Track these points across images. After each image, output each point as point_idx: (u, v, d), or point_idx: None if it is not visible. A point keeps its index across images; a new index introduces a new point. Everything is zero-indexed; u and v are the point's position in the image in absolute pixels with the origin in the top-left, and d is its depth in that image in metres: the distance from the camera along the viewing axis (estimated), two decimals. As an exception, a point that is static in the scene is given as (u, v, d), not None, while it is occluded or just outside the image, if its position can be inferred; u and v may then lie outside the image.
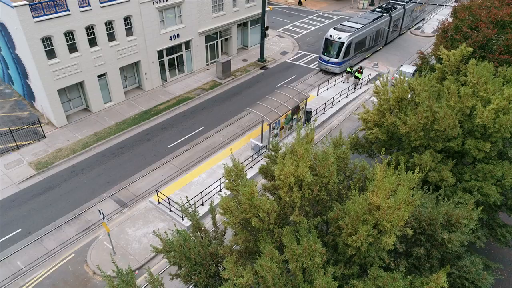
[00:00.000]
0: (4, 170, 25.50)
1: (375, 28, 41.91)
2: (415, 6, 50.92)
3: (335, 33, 38.73)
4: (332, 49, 38.57)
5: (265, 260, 9.41)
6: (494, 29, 23.77)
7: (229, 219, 10.88)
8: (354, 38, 38.57)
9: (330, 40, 38.71)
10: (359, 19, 41.92)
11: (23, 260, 20.15)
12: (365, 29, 40.10)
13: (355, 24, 40.45)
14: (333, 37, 38.48)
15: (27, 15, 24.97)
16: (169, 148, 28.32)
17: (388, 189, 9.59)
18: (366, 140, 19.92)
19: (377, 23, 42.18)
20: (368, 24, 40.84)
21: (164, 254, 11.99)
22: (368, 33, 40.74)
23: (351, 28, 39.41)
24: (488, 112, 15.05)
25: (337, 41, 38.13)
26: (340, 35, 38.22)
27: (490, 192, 15.59)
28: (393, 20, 45.42)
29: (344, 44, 37.76)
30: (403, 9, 47.61)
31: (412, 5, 49.66)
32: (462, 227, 11.45)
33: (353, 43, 38.85)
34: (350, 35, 38.14)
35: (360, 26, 39.86)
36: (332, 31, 39.22)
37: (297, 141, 11.04)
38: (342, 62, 38.62)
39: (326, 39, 39.07)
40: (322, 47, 39.38)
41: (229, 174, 12.02)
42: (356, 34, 38.94)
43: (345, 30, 38.95)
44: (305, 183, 10.48)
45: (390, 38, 47.01)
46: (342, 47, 37.76)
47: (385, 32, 44.85)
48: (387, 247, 9.53)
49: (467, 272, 12.23)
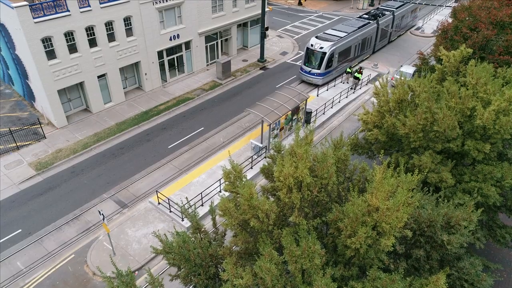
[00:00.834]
0: (4, 170, 25.52)
1: (361, 37, 39.77)
2: (405, 12, 48.49)
3: (317, 42, 36.57)
4: (313, 59, 36.34)
5: (264, 262, 9.43)
6: (493, 30, 23.76)
7: (228, 221, 10.90)
8: (337, 47, 36.44)
9: (312, 49, 36.48)
10: (343, 27, 39.87)
11: (23, 260, 20.17)
12: (349, 38, 37.98)
13: (339, 32, 38.32)
14: (315, 46, 36.31)
15: (27, 16, 24.99)
16: (169, 148, 28.34)
17: (387, 191, 9.61)
18: (366, 141, 19.93)
19: (363, 31, 40.01)
20: (353, 32, 38.65)
21: (164, 255, 12.01)
22: (353, 41, 38.62)
23: (334, 37, 37.27)
24: (489, 113, 15.05)
25: (318, 51, 35.97)
26: (322, 44, 36.08)
27: (489, 193, 15.59)
28: (381, 28, 43.05)
29: (326, 54, 35.60)
30: (392, 15, 45.25)
31: (402, 11, 47.26)
32: (461, 229, 11.46)
33: (336, 53, 36.66)
34: (332, 44, 35.98)
35: (344, 35, 37.71)
36: (314, 40, 37.02)
37: (296, 143, 11.05)
38: (324, 73, 36.44)
39: (307, 48, 36.94)
40: (304, 57, 37.33)
41: (227, 176, 12.04)
42: (340, 43, 36.79)
43: (328, 39, 36.76)
44: (305, 184, 10.49)
45: (378, 46, 44.83)
46: (324, 57, 35.61)
47: (372, 40, 42.58)
48: (386, 249, 9.54)
49: (466, 273, 12.25)
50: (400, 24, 47.95)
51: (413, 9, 50.62)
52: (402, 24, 48.65)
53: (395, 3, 47.81)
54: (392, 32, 46.50)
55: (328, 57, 35.66)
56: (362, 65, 41.60)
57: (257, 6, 41.53)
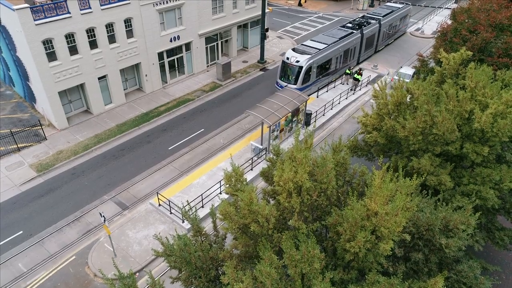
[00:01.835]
0: (6, 172, 25.64)
1: (343, 48, 37.29)
2: (393, 20, 45.75)
3: (293, 55, 34.02)
4: (289, 73, 33.98)
5: (264, 266, 9.55)
6: (493, 32, 23.86)
7: (228, 225, 11.01)
8: (315, 60, 33.99)
9: (287, 63, 33.95)
10: (323, 38, 37.46)
11: (25, 262, 20.29)
12: (329, 50, 35.52)
13: (318, 44, 35.89)
14: (291, 60, 33.74)
15: (28, 18, 25.09)
16: (169, 150, 28.45)
17: (386, 196, 9.72)
18: (365, 143, 20.04)
19: (346, 42, 37.52)
20: (334, 44, 36.25)
21: (165, 258, 12.13)
22: (334, 53, 36.19)
23: (312, 49, 34.89)
24: (486, 117, 15.17)
25: (294, 64, 33.44)
26: (298, 57, 33.56)
27: (488, 196, 15.72)
28: (365, 37, 40.57)
29: (302, 68, 33.11)
30: (378, 24, 42.53)
31: (389, 19, 44.62)
32: (459, 233, 11.57)
33: (314, 67, 34.21)
34: (310, 57, 33.53)
35: (323, 47, 35.29)
36: (290, 52, 34.53)
37: (296, 147, 11.17)
38: (301, 89, 33.52)
39: (283, 62, 34.46)
40: (279, 70, 34.96)
41: (229, 179, 12.15)
42: (318, 56, 34.37)
43: (305, 51, 34.33)
44: (304, 188, 10.60)
45: (363, 56, 42.40)
46: (301, 71, 33.17)
47: (356, 51, 40.17)
48: (385, 253, 9.66)
49: (464, 276, 12.36)
50: (387, 32, 45.38)
51: (403, 16, 47.99)
52: (390, 32, 46.25)
53: (382, 11, 45.75)
54: (379, 41, 44.17)
55: (304, 71, 33.32)
56: (362, 66, 41.68)
57: (257, 7, 41.62)
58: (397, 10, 46.47)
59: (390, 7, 47.22)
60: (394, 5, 48.10)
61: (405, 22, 49.49)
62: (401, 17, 47.38)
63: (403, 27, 49.90)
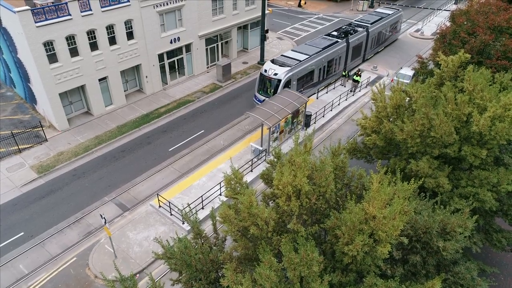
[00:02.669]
0: (6, 173, 25.76)
1: (327, 58, 35.54)
2: (383, 27, 43.54)
3: (271, 67, 32.17)
4: (268, 87, 32.13)
5: (264, 269, 9.67)
6: (491, 35, 23.98)
7: (228, 228, 11.14)
8: (295, 73, 32.17)
9: (265, 76, 32.13)
10: (306, 48, 35.62)
11: (26, 263, 20.42)
12: (311, 61, 33.76)
13: (299, 55, 34.07)
14: (268, 72, 31.90)
15: (29, 20, 25.21)
16: (169, 151, 28.58)
17: (383, 200, 9.85)
18: (365, 145, 20.16)
19: (329, 52, 35.81)
20: (316, 54, 34.48)
21: (165, 260, 12.25)
22: (316, 64, 34.38)
23: (292, 60, 32.98)
24: (484, 120, 15.30)
25: (272, 77, 31.63)
26: (276, 70, 31.74)
27: (486, 198, 15.84)
28: (351, 46, 38.78)
29: (281, 81, 31.29)
30: (366, 31, 40.68)
31: (378, 26, 42.56)
32: (457, 236, 11.69)
33: (294, 79, 32.36)
34: (289, 70, 31.70)
35: (304, 58, 33.48)
36: (268, 64, 32.66)
37: (295, 151, 11.29)
38: None
39: (261, 74, 32.65)
40: (257, 83, 33.00)
41: (229, 183, 12.28)
42: (299, 68, 32.58)
43: (284, 63, 32.43)
44: (303, 192, 10.73)
45: (350, 65, 40.50)
46: (279, 84, 31.36)
47: (342, 61, 38.46)
48: (383, 256, 9.79)
49: (462, 278, 12.48)
50: (376, 40, 43.45)
51: (393, 22, 45.91)
52: (380, 40, 44.30)
53: (371, 17, 43.89)
54: (367, 49, 42.42)
55: (283, 85, 31.45)
56: (361, 67, 41.80)
57: (257, 8, 41.75)
58: (387, 16, 44.59)
59: (380, 13, 45.47)
60: (384, 11, 46.42)
61: (396, 28, 47.70)
62: (391, 23, 45.44)
63: (394, 33, 47.90)
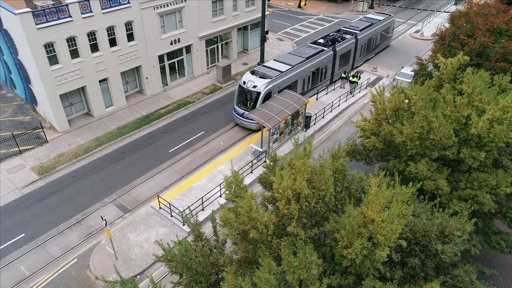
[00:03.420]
0: (7, 175, 25.85)
1: (311, 68, 33.86)
2: (373, 34, 41.76)
3: (250, 79, 30.40)
4: (247, 99, 30.55)
5: (263, 272, 9.76)
6: (490, 37, 24.05)
7: (228, 231, 11.23)
8: (276, 85, 30.43)
9: (244, 88, 30.47)
10: (289, 57, 33.80)
11: (27, 265, 20.51)
12: (294, 71, 32.04)
13: (281, 65, 32.29)
14: (247, 84, 30.17)
15: (30, 22, 25.29)
16: (170, 152, 28.66)
17: (382, 204, 9.94)
18: (364, 147, 20.23)
19: (315, 61, 34.11)
20: (300, 64, 32.72)
21: (166, 263, 12.34)
22: (300, 75, 32.62)
23: (273, 71, 31.20)
24: (483, 122, 15.37)
25: (251, 90, 29.93)
26: (256, 82, 29.96)
27: (484, 201, 15.91)
28: (339, 54, 37.05)
29: (260, 94, 29.55)
30: (355, 39, 38.94)
31: (368, 33, 40.78)
32: (455, 239, 11.78)
33: (275, 91, 30.52)
34: (269, 82, 29.96)
35: (286, 68, 31.68)
36: (248, 76, 30.85)
37: (295, 155, 11.37)
38: None
39: (239, 86, 31.01)
40: (236, 95, 31.37)
41: (229, 186, 12.36)
42: (280, 79, 30.83)
43: (265, 75, 30.69)
44: (303, 196, 10.81)
45: (338, 75, 38.72)
46: (259, 97, 29.61)
47: (328, 70, 36.75)
48: (381, 259, 9.87)
49: (460, 281, 12.55)
50: (366, 47, 41.85)
51: (384, 28, 44.07)
52: (370, 47, 42.69)
53: (361, 24, 42.24)
54: (356, 57, 40.69)
55: (263, 98, 29.68)
56: (362, 68, 41.88)
57: (257, 9, 41.81)
58: (377, 23, 42.86)
59: (370, 19, 43.83)
60: (374, 17, 44.75)
61: (387, 34, 45.88)
62: (382, 30, 43.69)
63: (386, 40, 46.13)
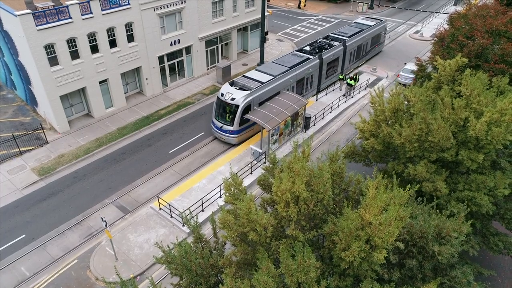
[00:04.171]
0: (8, 175, 25.95)
1: (296, 78, 32.09)
2: (363, 40, 40.00)
3: (229, 90, 28.49)
4: (225, 112, 28.74)
5: (262, 275, 9.86)
6: (489, 39, 24.11)
7: (227, 233, 11.33)
8: (256, 97, 28.52)
9: (222, 100, 28.56)
10: (271, 67, 31.99)
11: (27, 266, 20.61)
12: (276, 82, 30.25)
13: (263, 75, 30.46)
14: (225, 97, 28.23)
15: (30, 24, 25.38)
16: (170, 153, 28.76)
17: (379, 207, 10.04)
18: (363, 149, 20.33)
19: (299, 71, 32.36)
20: (283, 74, 30.98)
21: (166, 265, 12.44)
22: (282, 85, 30.77)
23: (254, 82, 29.38)
24: (481, 125, 15.48)
25: (229, 103, 28.06)
26: (234, 94, 28.08)
27: (482, 202, 16.02)
28: (326, 62, 35.41)
29: (239, 107, 27.71)
30: (343, 45, 37.24)
31: (357, 39, 39.10)
32: (452, 240, 11.88)
33: (255, 104, 28.60)
34: (248, 94, 28.07)
35: (268, 79, 29.92)
36: (226, 87, 28.95)
37: (294, 158, 11.47)
38: (239, 131, 28.55)
39: (217, 98, 29.10)
40: (214, 108, 29.46)
41: (228, 188, 12.46)
42: (261, 90, 28.92)
43: (245, 86, 28.90)
44: (301, 198, 10.92)
45: (325, 83, 37.22)
46: (237, 110, 27.80)
47: (315, 79, 35.16)
48: (379, 262, 9.97)
49: (458, 282, 12.65)
50: (355, 54, 40.18)
51: (375, 34, 42.40)
52: (360, 53, 41.08)
53: (350, 30, 40.60)
54: (344, 64, 39.13)
55: (241, 111, 27.87)
56: (361, 69, 41.96)
57: (257, 10, 41.91)
58: (368, 28, 41.22)
59: (360, 25, 42.32)
60: (365, 22, 43.20)
61: (379, 40, 44.23)
62: (373, 35, 42.02)
63: (377, 46, 44.34)
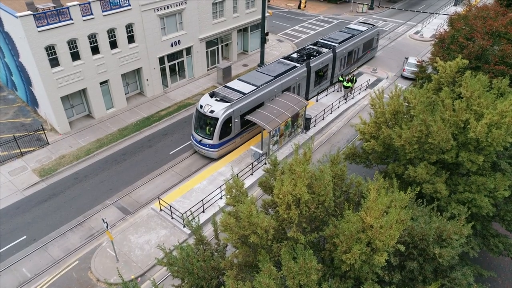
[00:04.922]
0: (9, 177, 26.00)
1: (281, 87, 30.46)
2: (354, 46, 38.49)
3: (208, 102, 26.84)
4: (205, 125, 27.11)
5: (264, 277, 9.91)
6: (489, 40, 24.19)
7: (229, 236, 11.38)
8: (237, 109, 26.91)
9: (201, 113, 26.87)
10: (255, 76, 30.35)
11: (28, 267, 20.65)
12: (259, 93, 28.57)
13: (245, 85, 28.83)
14: (204, 109, 26.56)
15: (31, 25, 25.43)
16: (170, 154, 28.80)
17: (380, 210, 10.09)
18: (363, 151, 20.38)
19: (284, 80, 30.69)
20: (267, 84, 29.32)
21: (168, 267, 12.49)
22: (266, 96, 29.07)
23: (235, 93, 27.73)
24: (481, 127, 15.54)
25: (209, 115, 26.38)
26: (214, 106, 26.41)
27: (482, 204, 16.08)
28: (314, 70, 33.93)
29: (218, 120, 26.05)
30: (333, 52, 35.76)
31: (348, 45, 37.54)
32: (453, 242, 11.93)
33: (237, 116, 27.06)
34: (229, 106, 26.41)
35: (250, 90, 28.22)
36: (206, 99, 27.29)
37: (295, 160, 11.52)
38: (219, 145, 26.99)
39: (196, 110, 27.50)
40: (193, 120, 27.93)
41: (229, 190, 12.52)
42: (242, 102, 27.31)
43: (225, 97, 27.23)
44: (303, 201, 10.97)
45: (313, 92, 35.63)
46: (217, 123, 26.14)
47: (302, 87, 33.69)
48: (380, 265, 10.03)
49: (458, 284, 12.72)
50: (346, 61, 38.66)
51: (368, 40, 40.95)
52: (351, 60, 39.54)
53: (341, 35, 39.01)
54: (334, 71, 37.64)
55: (222, 124, 26.24)
56: (361, 70, 42.01)
57: (257, 11, 41.96)
58: (359, 34, 39.74)
59: (352, 30, 40.83)
60: (357, 27, 41.75)
61: (371, 46, 42.70)
62: (365, 41, 40.48)
63: (369, 52, 42.90)
